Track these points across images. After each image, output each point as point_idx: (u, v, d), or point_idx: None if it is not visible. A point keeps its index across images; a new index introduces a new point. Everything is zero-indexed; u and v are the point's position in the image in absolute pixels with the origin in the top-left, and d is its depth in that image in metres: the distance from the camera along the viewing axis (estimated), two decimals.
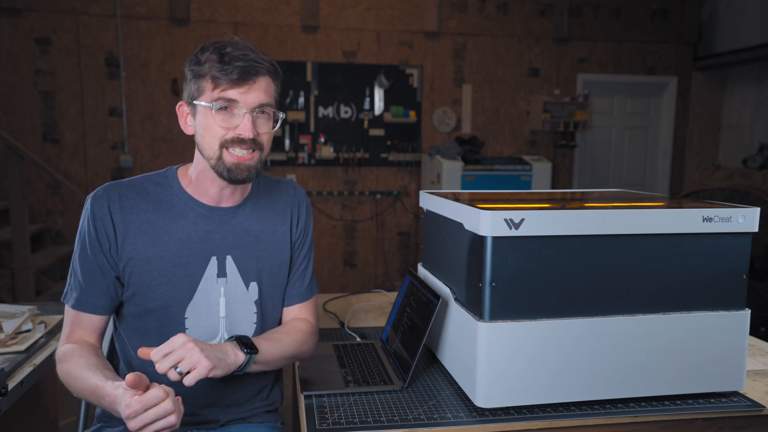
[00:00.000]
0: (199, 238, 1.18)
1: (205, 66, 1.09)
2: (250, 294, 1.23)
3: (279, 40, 4.69)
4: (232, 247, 1.20)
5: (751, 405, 1.13)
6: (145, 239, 1.15)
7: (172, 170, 1.23)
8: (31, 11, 4.30)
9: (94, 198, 1.16)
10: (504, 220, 1.02)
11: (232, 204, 1.22)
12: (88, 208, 1.16)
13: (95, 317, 1.17)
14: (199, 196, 1.20)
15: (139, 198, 1.17)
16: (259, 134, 1.12)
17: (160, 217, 1.17)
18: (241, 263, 1.21)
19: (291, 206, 1.30)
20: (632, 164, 5.59)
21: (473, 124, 5.10)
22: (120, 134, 4.54)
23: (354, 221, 4.98)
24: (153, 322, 1.18)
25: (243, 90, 1.09)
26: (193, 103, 1.12)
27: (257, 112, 1.11)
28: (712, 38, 5.30)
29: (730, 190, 3.84)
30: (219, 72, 1.07)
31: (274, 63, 1.14)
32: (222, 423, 1.25)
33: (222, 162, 1.11)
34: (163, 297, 1.16)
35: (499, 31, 5.03)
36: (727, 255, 1.13)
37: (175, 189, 1.20)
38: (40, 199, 4.48)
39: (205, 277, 1.18)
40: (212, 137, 1.11)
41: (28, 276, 3.64)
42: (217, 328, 1.20)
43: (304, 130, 4.79)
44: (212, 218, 1.20)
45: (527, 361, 1.07)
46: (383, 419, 1.07)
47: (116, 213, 1.15)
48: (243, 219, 1.23)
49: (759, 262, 3.42)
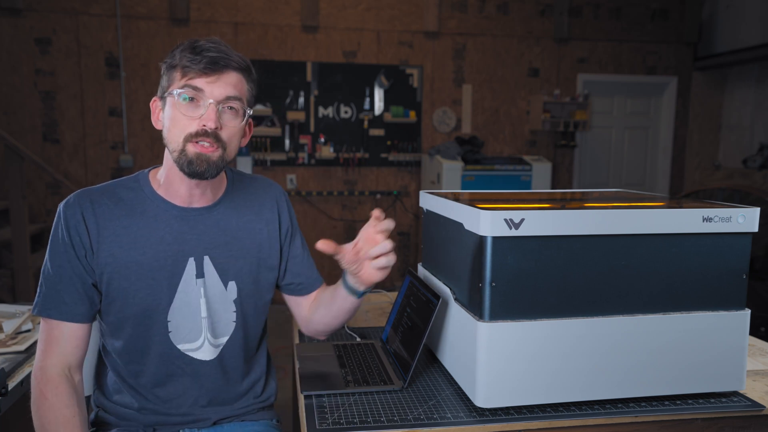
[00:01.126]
0: (174, 240, 1.17)
1: (176, 57, 1.09)
2: (229, 293, 1.22)
3: (279, 40, 4.69)
4: (208, 247, 1.19)
5: (751, 405, 1.13)
6: (120, 245, 1.13)
7: (143, 173, 1.21)
8: (31, 11, 4.30)
9: (67, 205, 1.13)
10: (504, 220, 1.02)
11: (205, 204, 1.21)
12: (61, 216, 1.13)
13: (76, 327, 1.12)
14: (171, 198, 1.18)
15: (112, 204, 1.15)
16: (223, 127, 1.10)
17: (133, 221, 1.15)
18: (219, 263, 1.20)
19: (269, 202, 1.30)
20: (632, 164, 5.59)
21: (473, 124, 5.10)
22: (120, 134, 4.55)
23: (354, 221, 4.98)
24: (134, 328, 1.16)
25: (210, 80, 1.08)
26: (164, 96, 1.12)
27: (224, 106, 1.10)
28: (712, 38, 5.30)
29: (730, 190, 3.84)
30: (188, 61, 1.07)
31: (248, 61, 1.14)
32: (214, 421, 1.24)
33: (184, 154, 1.08)
34: (144, 301, 1.15)
35: (499, 31, 5.03)
36: (727, 255, 1.13)
37: (147, 192, 1.18)
38: (40, 199, 4.48)
39: (184, 278, 1.17)
40: (178, 129, 1.09)
41: (28, 276, 3.64)
42: (199, 329, 1.19)
43: (304, 130, 4.79)
44: (186, 219, 1.18)
45: (527, 361, 1.07)
46: (383, 419, 1.07)
47: (90, 220, 1.13)
48: (218, 218, 1.21)
49: (759, 262, 3.42)
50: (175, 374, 1.20)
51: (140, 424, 1.21)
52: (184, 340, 1.19)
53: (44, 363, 1.10)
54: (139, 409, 1.20)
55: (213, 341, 1.21)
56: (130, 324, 1.16)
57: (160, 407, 1.21)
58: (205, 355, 1.21)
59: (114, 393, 1.23)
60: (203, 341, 1.20)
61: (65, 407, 1.07)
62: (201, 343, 1.20)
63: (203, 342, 1.20)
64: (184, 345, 1.19)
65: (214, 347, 1.22)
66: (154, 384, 1.20)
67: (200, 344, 1.20)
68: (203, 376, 1.22)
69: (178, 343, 1.19)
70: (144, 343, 1.18)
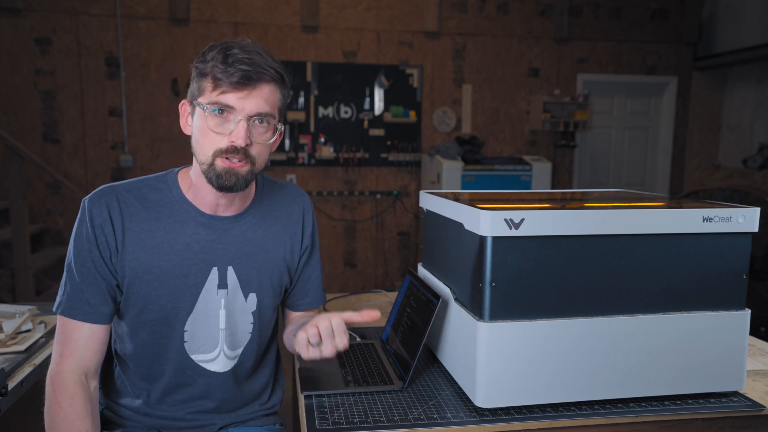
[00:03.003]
0: (201, 248, 1.14)
1: (209, 64, 1.04)
2: (249, 305, 1.20)
3: (279, 40, 4.69)
4: (233, 257, 1.17)
5: (751, 405, 1.13)
6: (145, 248, 1.10)
7: (172, 173, 1.18)
8: (31, 11, 4.30)
9: (92, 201, 1.10)
10: (504, 220, 1.02)
11: (233, 213, 1.18)
12: (86, 213, 1.09)
13: (96, 328, 1.10)
14: (199, 204, 1.15)
15: (139, 204, 1.12)
16: (253, 143, 1.07)
17: (160, 226, 1.12)
18: (242, 274, 1.18)
19: (296, 214, 1.26)
20: (632, 164, 5.59)
21: (473, 124, 5.10)
22: (120, 134, 4.55)
23: (354, 221, 4.98)
24: (150, 334, 1.14)
25: (242, 95, 1.03)
26: (193, 103, 1.08)
27: (255, 120, 1.06)
28: (712, 38, 5.30)
29: (730, 190, 3.84)
30: (221, 73, 1.02)
31: (282, 70, 1.08)
32: (220, 427, 1.24)
33: (213, 168, 1.06)
34: (164, 308, 1.12)
35: (499, 31, 5.03)
36: (727, 255, 1.13)
37: (175, 195, 1.15)
38: (40, 199, 4.48)
39: (206, 288, 1.15)
40: (207, 143, 1.06)
41: (28, 276, 3.64)
42: (215, 339, 1.18)
43: (304, 130, 4.79)
44: (213, 227, 1.15)
45: (527, 361, 1.07)
46: (383, 419, 1.07)
47: (116, 220, 1.09)
48: (245, 228, 1.18)
49: (759, 262, 3.42)
50: (185, 383, 1.19)
51: (144, 426, 1.21)
52: (199, 351, 1.17)
53: (61, 367, 1.08)
54: (145, 413, 1.20)
55: (229, 353, 1.20)
56: (146, 330, 1.14)
57: (166, 412, 1.20)
58: (219, 367, 1.19)
59: (120, 394, 1.22)
60: (219, 353, 1.19)
61: (79, 419, 1.05)
62: (216, 354, 1.19)
63: (218, 354, 1.19)
64: (199, 356, 1.17)
65: (229, 359, 1.20)
66: (162, 391, 1.19)
67: (215, 356, 1.19)
68: (214, 387, 1.20)
69: (193, 354, 1.17)
70: (158, 350, 1.16)
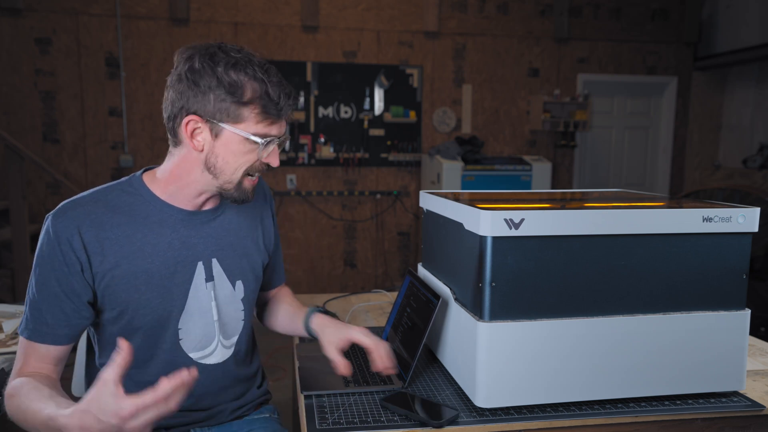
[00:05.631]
0: (182, 244, 1.14)
1: (246, 94, 1.03)
2: (237, 293, 1.23)
3: (279, 40, 4.69)
4: (216, 249, 1.19)
5: (751, 405, 1.13)
6: (125, 254, 1.08)
7: (136, 177, 1.15)
8: (31, 11, 4.29)
9: (56, 218, 1.05)
10: (504, 220, 1.02)
11: (211, 206, 1.20)
12: (50, 230, 1.04)
13: (53, 347, 1.06)
14: (177, 202, 1.14)
15: (109, 212, 1.08)
16: None
17: (137, 229, 1.10)
18: (227, 264, 1.20)
19: (261, 197, 1.33)
20: (632, 164, 5.59)
21: (473, 124, 5.10)
22: (120, 134, 4.54)
23: (354, 221, 4.98)
24: (143, 339, 1.13)
25: (281, 124, 1.11)
26: (220, 125, 1.05)
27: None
28: (712, 38, 5.30)
29: (730, 190, 3.84)
30: (273, 108, 1.06)
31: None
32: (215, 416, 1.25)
33: (240, 186, 1.11)
34: (156, 311, 1.12)
35: (499, 31, 5.03)
36: (727, 255, 1.13)
37: (146, 197, 1.13)
38: (40, 199, 4.48)
39: (194, 283, 1.16)
40: (238, 165, 1.09)
41: (28, 276, 3.63)
42: (210, 332, 1.19)
43: (304, 130, 4.79)
44: (192, 223, 1.16)
45: (527, 361, 1.07)
46: (383, 419, 1.07)
47: (87, 232, 1.05)
48: (223, 219, 1.21)
49: (759, 262, 3.42)
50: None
51: None
52: (196, 348, 1.18)
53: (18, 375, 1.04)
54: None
55: (226, 343, 1.22)
56: (139, 335, 1.13)
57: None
58: (217, 359, 1.21)
59: None
60: (216, 345, 1.20)
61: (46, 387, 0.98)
62: (214, 347, 1.20)
63: (216, 346, 1.20)
64: (196, 353, 1.18)
65: (226, 348, 1.22)
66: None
67: (213, 349, 1.20)
68: (210, 381, 1.21)
69: (190, 352, 1.18)
70: (151, 352, 1.15)
